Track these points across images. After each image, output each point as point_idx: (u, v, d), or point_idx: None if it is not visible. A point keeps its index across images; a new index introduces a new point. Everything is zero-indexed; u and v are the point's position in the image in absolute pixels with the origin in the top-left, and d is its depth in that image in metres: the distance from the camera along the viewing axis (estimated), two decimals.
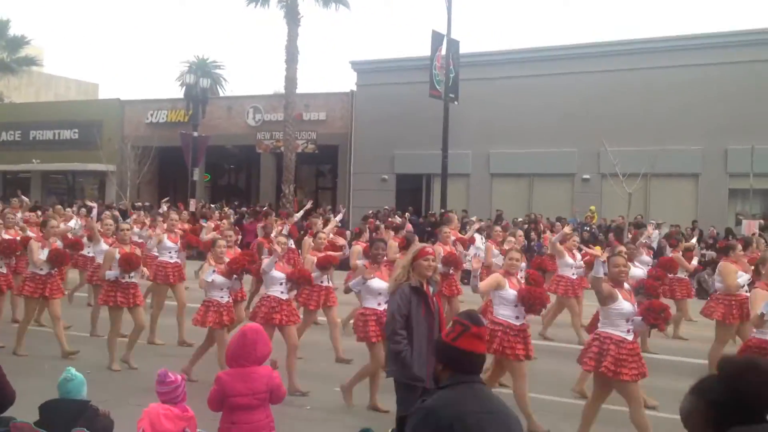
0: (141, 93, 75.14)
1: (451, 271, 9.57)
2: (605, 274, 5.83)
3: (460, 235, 11.09)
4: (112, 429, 4.11)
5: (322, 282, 8.63)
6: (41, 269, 8.44)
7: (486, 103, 23.96)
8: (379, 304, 6.51)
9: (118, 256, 7.80)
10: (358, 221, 21.25)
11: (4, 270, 9.04)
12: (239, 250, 9.45)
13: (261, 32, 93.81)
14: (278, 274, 7.25)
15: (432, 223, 17.74)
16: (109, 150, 28.76)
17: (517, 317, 6.17)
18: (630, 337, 5.52)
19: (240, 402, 3.75)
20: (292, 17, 24.83)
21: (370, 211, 22.15)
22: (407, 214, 21.87)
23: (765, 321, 5.98)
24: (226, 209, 21.63)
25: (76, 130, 31.32)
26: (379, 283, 6.58)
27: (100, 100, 38.12)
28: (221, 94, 32.00)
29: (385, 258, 7.12)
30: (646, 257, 11.26)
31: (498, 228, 11.74)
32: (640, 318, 5.52)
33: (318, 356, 8.76)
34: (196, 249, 12.41)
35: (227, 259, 7.61)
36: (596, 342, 5.62)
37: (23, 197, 17.66)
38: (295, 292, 7.69)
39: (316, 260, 8.40)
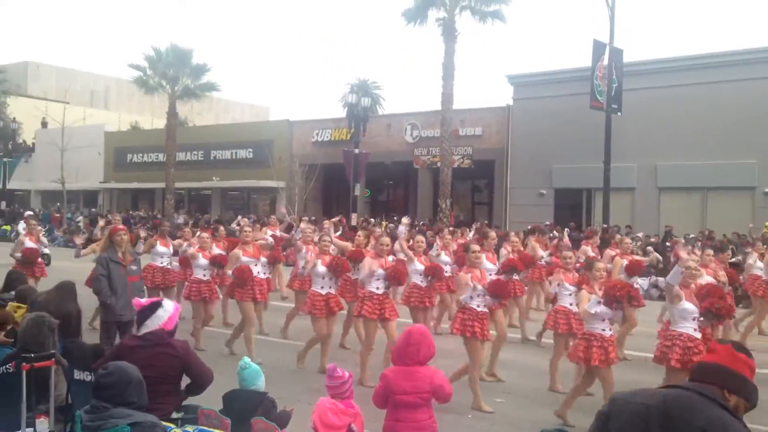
0: (308, 114, 79.58)
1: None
2: None
3: (635, 258, 10.48)
4: (288, 421, 4.46)
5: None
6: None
7: (652, 113, 22.76)
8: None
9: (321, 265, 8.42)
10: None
11: (208, 278, 9.70)
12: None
13: (419, 50, 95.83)
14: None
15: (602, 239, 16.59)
16: (279, 168, 30.82)
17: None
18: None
19: (404, 400, 3.92)
20: (449, 34, 25.18)
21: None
22: (567, 230, 21.27)
23: None
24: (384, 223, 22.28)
25: (251, 150, 33.85)
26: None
27: (271, 122, 40.87)
28: (380, 113, 33.10)
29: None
30: None
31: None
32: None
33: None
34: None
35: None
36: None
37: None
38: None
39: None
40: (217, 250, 10.08)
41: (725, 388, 2.36)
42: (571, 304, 7.85)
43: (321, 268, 8.24)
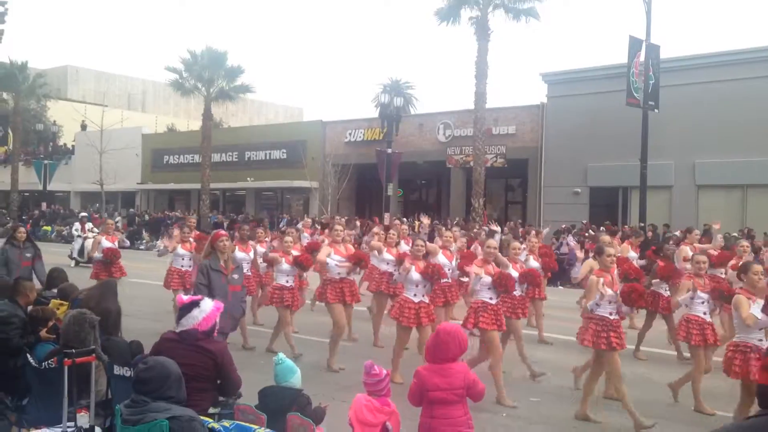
0: (340, 114, 79.92)
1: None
2: None
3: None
4: (323, 418, 4.49)
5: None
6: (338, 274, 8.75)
7: (690, 110, 22.32)
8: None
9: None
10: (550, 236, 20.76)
11: (292, 284, 9.17)
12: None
13: (451, 49, 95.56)
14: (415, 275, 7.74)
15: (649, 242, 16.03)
16: (312, 168, 31.03)
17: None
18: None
19: (439, 396, 3.92)
20: (483, 33, 25.02)
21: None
22: (602, 228, 21.02)
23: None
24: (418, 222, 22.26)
25: (284, 150, 34.15)
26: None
27: (304, 122, 41.16)
28: (413, 113, 33.07)
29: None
30: None
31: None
32: None
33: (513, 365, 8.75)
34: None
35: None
36: None
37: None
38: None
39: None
40: (295, 252, 9.33)
41: None
42: (705, 313, 7.23)
43: (415, 275, 7.68)
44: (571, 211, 24.59)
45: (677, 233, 17.28)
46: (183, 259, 11.09)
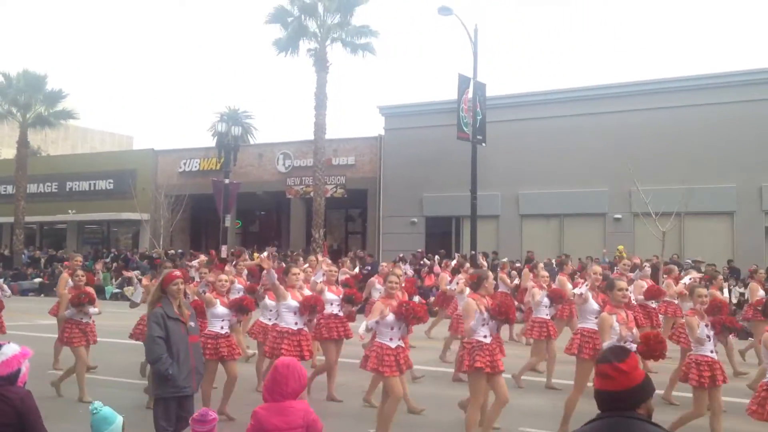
0: (174, 143, 76.92)
1: None
2: None
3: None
4: None
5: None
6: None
7: (514, 145, 24.00)
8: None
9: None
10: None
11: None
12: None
13: (290, 80, 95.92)
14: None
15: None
16: (143, 199, 29.33)
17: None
18: None
19: None
20: (321, 65, 25.36)
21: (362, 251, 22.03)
22: (437, 257, 21.84)
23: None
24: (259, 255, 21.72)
25: (111, 181, 32.06)
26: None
27: (134, 151, 39.12)
28: (252, 143, 32.55)
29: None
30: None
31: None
32: None
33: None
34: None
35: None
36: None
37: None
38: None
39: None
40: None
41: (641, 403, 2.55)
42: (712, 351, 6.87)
43: (390, 317, 6.77)
44: (409, 241, 25.31)
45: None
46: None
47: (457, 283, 11.33)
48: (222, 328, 7.73)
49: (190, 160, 30.65)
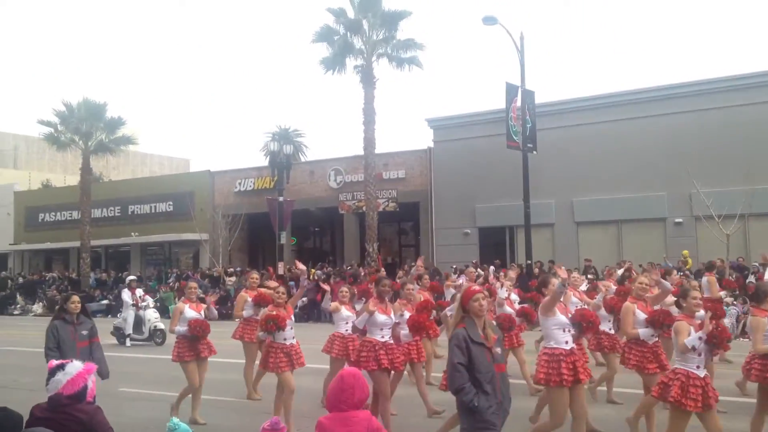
0: (229, 164, 78.60)
1: None
2: None
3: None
4: None
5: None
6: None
7: (566, 151, 23.70)
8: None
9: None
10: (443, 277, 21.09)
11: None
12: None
13: (338, 97, 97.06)
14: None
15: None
16: (201, 220, 30.15)
17: None
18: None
19: None
20: (368, 81, 25.63)
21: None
22: (492, 267, 21.65)
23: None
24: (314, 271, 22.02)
25: (171, 203, 33.00)
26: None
27: (191, 173, 40.08)
28: (303, 160, 33.10)
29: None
30: None
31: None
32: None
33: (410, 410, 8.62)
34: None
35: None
36: None
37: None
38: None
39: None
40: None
41: None
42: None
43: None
44: (463, 252, 25.20)
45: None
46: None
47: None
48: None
49: (244, 179, 31.33)
